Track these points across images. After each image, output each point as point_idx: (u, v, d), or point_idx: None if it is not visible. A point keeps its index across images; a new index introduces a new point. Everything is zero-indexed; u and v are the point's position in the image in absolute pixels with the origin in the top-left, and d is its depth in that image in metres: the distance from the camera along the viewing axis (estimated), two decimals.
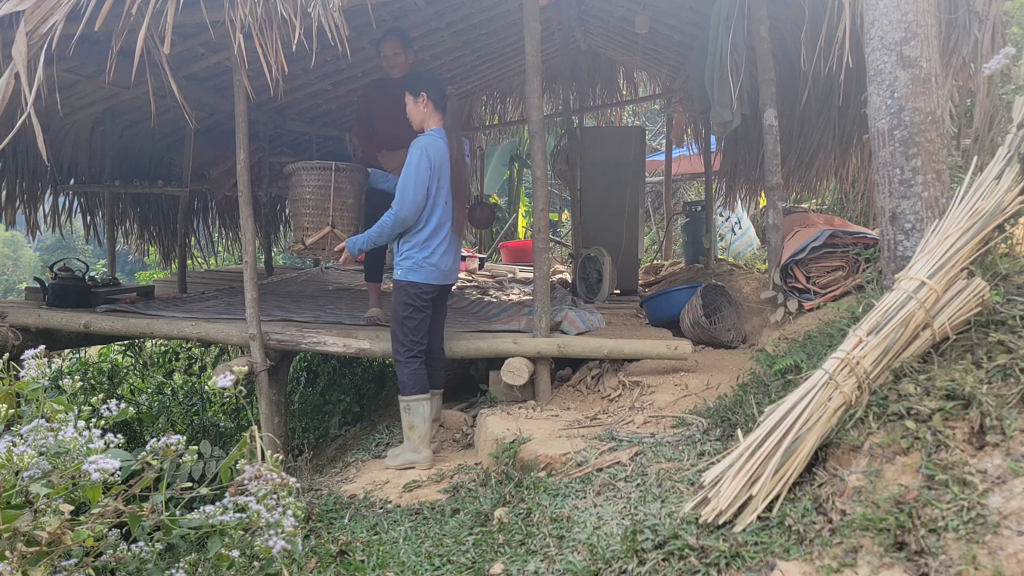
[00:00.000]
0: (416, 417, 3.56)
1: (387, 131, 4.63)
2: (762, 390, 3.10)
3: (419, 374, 3.57)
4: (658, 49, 6.79)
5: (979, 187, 2.37)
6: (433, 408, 3.72)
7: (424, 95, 3.56)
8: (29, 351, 1.91)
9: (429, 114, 3.59)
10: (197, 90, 5.35)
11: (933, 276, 2.23)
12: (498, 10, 5.44)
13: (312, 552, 2.61)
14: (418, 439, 3.57)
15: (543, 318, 3.95)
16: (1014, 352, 2.05)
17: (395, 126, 4.35)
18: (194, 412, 6.51)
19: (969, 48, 2.97)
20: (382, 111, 4.61)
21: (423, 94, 3.56)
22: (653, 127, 13.64)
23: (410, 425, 3.57)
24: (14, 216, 5.93)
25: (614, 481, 2.83)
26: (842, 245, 4.11)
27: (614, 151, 6.96)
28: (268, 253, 7.95)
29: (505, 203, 12.97)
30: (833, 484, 2.00)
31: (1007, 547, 1.60)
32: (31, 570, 1.48)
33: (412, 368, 3.56)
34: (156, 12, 3.40)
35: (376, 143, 4.65)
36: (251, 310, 3.99)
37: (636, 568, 1.98)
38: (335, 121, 8.02)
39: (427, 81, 3.62)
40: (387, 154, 4.54)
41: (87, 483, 1.61)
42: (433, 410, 3.72)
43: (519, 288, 6.81)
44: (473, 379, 4.64)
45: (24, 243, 25.52)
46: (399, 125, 4.19)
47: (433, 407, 3.72)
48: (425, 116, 3.60)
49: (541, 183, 3.95)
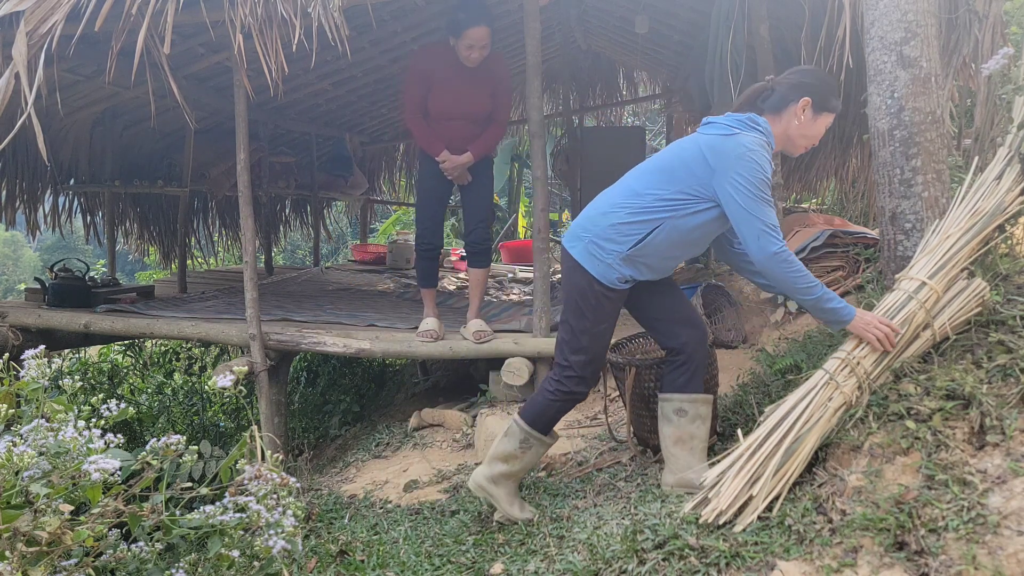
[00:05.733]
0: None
1: (447, 117, 3.88)
2: (762, 390, 3.10)
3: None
4: (658, 49, 6.79)
5: (980, 187, 2.38)
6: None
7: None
8: (29, 351, 1.90)
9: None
10: (197, 90, 5.36)
11: (934, 276, 2.23)
12: (498, 10, 5.44)
13: (312, 552, 2.61)
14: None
15: (543, 318, 3.95)
16: (1014, 352, 2.05)
17: (457, 111, 3.86)
18: (194, 412, 6.51)
19: (969, 48, 2.97)
20: (448, 85, 3.84)
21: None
22: (653, 127, 13.63)
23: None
24: (14, 216, 5.93)
25: (614, 481, 2.83)
26: (842, 245, 4.11)
27: (614, 151, 6.97)
28: (268, 253, 7.95)
29: (505, 203, 12.97)
30: (833, 484, 1.99)
31: (1007, 547, 1.60)
32: (31, 570, 1.48)
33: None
34: (156, 12, 3.40)
35: (441, 137, 3.91)
36: (251, 310, 3.99)
37: (636, 568, 1.98)
38: (335, 121, 8.02)
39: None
40: (449, 156, 3.89)
41: (87, 483, 1.61)
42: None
43: (519, 288, 6.81)
44: (473, 379, 4.64)
45: (24, 243, 25.52)
46: (464, 113, 3.87)
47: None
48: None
49: (541, 183, 3.95)
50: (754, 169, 2.25)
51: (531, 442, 2.57)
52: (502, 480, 2.58)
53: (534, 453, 2.60)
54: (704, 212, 2.36)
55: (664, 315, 2.62)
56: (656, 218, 2.37)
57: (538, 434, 2.57)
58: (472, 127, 3.95)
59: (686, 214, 2.36)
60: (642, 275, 2.46)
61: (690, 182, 2.34)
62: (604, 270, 2.42)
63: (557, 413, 2.59)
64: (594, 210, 2.51)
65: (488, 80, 3.88)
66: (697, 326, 2.62)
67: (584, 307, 2.45)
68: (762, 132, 2.35)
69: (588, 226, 2.48)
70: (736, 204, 2.26)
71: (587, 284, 2.44)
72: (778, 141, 2.43)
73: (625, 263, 2.41)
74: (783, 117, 2.41)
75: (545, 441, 2.60)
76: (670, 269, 2.56)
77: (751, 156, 2.26)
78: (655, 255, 2.42)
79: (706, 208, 2.35)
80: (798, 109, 2.39)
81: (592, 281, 2.43)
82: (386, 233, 12.97)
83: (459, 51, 3.74)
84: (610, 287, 2.43)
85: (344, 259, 12.52)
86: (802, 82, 2.41)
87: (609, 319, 2.49)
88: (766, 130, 2.36)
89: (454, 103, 3.86)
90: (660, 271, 2.51)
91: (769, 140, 2.36)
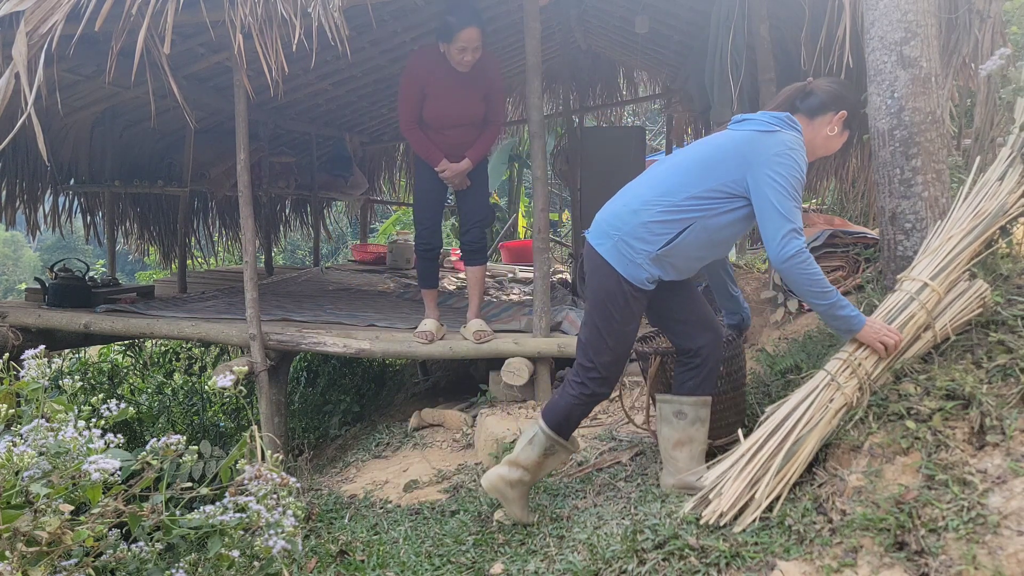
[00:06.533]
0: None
1: (443, 125, 3.90)
2: (762, 390, 3.10)
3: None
4: (658, 49, 6.78)
5: (982, 188, 2.37)
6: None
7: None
8: (29, 351, 1.90)
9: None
10: (197, 90, 5.36)
11: (935, 277, 2.23)
12: (498, 10, 5.44)
13: (312, 552, 2.61)
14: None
15: (543, 318, 3.95)
16: (1014, 352, 2.06)
17: (453, 118, 3.87)
18: (194, 412, 6.51)
19: (969, 48, 2.97)
20: (442, 93, 3.82)
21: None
22: (653, 127, 13.63)
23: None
24: (14, 216, 5.93)
25: (614, 481, 2.83)
26: (842, 245, 4.11)
27: (614, 151, 6.96)
28: (268, 253, 7.95)
29: (505, 203, 12.96)
30: (833, 484, 1.99)
31: (1007, 547, 1.60)
32: (31, 570, 1.48)
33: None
34: (156, 12, 3.40)
35: (437, 144, 3.92)
36: (251, 310, 3.99)
37: (636, 568, 1.98)
38: (335, 121, 8.02)
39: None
40: (448, 165, 3.91)
41: (87, 483, 1.61)
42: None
43: (519, 288, 6.81)
44: (473, 379, 4.64)
45: (24, 243, 25.53)
46: (460, 120, 3.87)
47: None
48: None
49: (541, 183, 3.95)
50: (792, 168, 2.22)
51: (555, 449, 2.53)
52: (519, 485, 2.55)
53: (555, 460, 2.57)
54: (735, 211, 2.31)
55: (683, 316, 2.58)
56: (688, 217, 2.32)
57: (563, 441, 2.53)
58: (468, 132, 3.95)
59: (717, 213, 2.32)
60: (668, 275, 2.41)
61: (723, 179, 2.29)
62: (634, 270, 2.36)
63: (580, 416, 2.54)
64: (623, 207, 2.44)
65: (481, 82, 3.88)
66: (714, 330, 2.58)
67: (612, 308, 2.40)
68: (799, 133, 2.32)
69: (617, 224, 2.41)
70: (768, 201, 2.21)
71: (615, 284, 2.38)
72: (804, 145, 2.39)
73: (654, 263, 2.36)
74: (816, 123, 2.38)
75: (568, 448, 2.56)
76: (694, 270, 2.52)
77: (791, 155, 2.23)
78: (683, 255, 2.38)
79: (738, 207, 2.31)
80: (835, 120, 2.37)
81: (621, 281, 2.38)
82: (386, 233, 12.97)
83: (451, 55, 3.72)
84: (639, 287, 2.38)
85: (344, 259, 12.53)
86: (843, 96, 2.39)
87: (635, 319, 2.44)
88: (800, 132, 2.33)
89: (449, 110, 3.86)
90: (685, 271, 2.47)
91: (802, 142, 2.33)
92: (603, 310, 2.42)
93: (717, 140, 2.39)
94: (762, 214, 2.24)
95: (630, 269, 2.37)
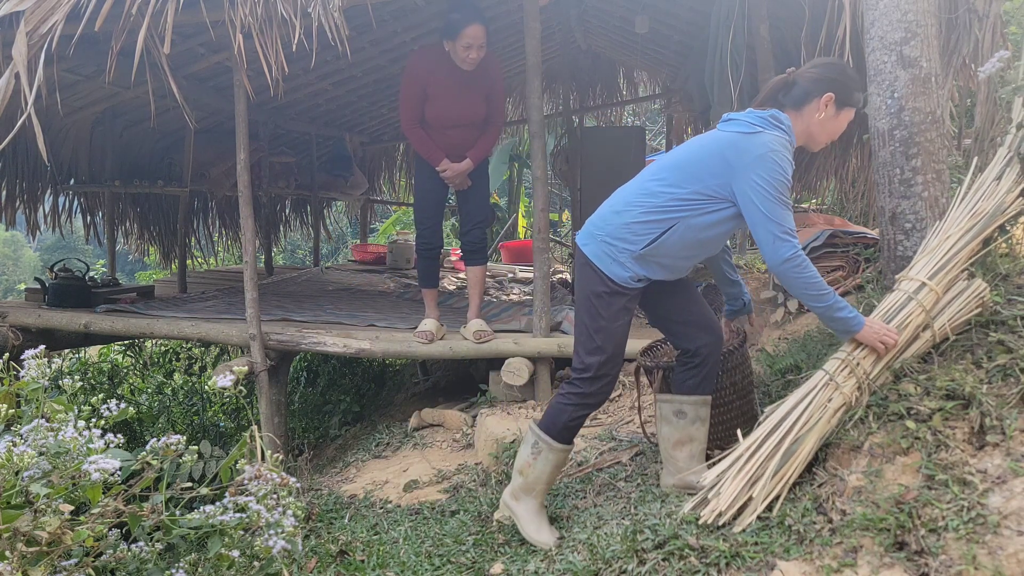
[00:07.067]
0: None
1: (445, 125, 3.91)
2: (762, 390, 3.10)
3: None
4: (658, 49, 6.78)
5: (979, 188, 2.37)
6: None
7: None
8: (29, 351, 1.90)
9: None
10: (197, 90, 5.36)
11: (934, 277, 2.23)
12: (498, 10, 5.44)
13: (312, 552, 2.61)
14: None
15: (543, 318, 3.95)
16: (1014, 352, 2.05)
17: (454, 118, 3.86)
18: (194, 412, 6.51)
19: (969, 48, 2.97)
20: (443, 93, 3.83)
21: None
22: (653, 127, 13.63)
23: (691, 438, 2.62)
24: (14, 216, 5.93)
25: (614, 481, 2.83)
26: (842, 245, 4.11)
27: (614, 151, 6.96)
28: (268, 253, 7.95)
29: (505, 203, 12.96)
30: (833, 484, 1.99)
31: (1007, 547, 1.60)
32: (31, 570, 1.48)
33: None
34: (156, 12, 3.40)
35: (439, 144, 3.92)
36: (251, 310, 4.00)
37: (636, 568, 1.98)
38: (335, 121, 8.02)
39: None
40: (450, 165, 3.91)
41: (87, 483, 1.61)
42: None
43: (519, 288, 6.81)
44: (473, 379, 4.64)
45: (24, 243, 25.53)
46: (461, 119, 3.87)
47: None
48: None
49: (541, 183, 3.95)
50: (775, 170, 2.19)
51: (540, 446, 2.48)
52: (522, 495, 2.51)
53: (544, 460, 2.49)
54: (720, 211, 2.30)
55: (681, 317, 2.57)
56: (670, 218, 2.31)
57: (548, 438, 2.47)
58: (470, 132, 3.95)
59: (701, 213, 2.30)
60: (655, 275, 2.41)
61: (708, 181, 2.28)
62: (617, 269, 2.37)
63: (571, 419, 2.48)
64: (608, 208, 2.46)
65: (483, 83, 3.88)
66: (714, 330, 2.57)
67: (598, 306, 2.40)
68: (784, 131, 2.27)
69: (602, 224, 2.43)
70: (754, 206, 2.20)
71: (599, 282, 2.39)
72: (799, 136, 2.35)
73: (638, 262, 2.36)
74: (805, 112, 2.34)
75: (554, 447, 2.48)
76: (685, 269, 2.50)
77: (772, 156, 2.20)
78: (669, 255, 2.37)
79: (722, 208, 2.29)
80: (821, 104, 2.31)
81: (604, 279, 2.38)
82: (386, 233, 12.97)
83: (456, 53, 3.72)
84: (623, 286, 2.38)
85: (344, 259, 12.53)
86: (825, 76, 2.32)
87: (623, 317, 2.42)
88: (788, 128, 2.29)
89: (451, 110, 3.85)
90: (675, 271, 2.46)
91: (791, 138, 2.29)
92: (589, 309, 2.42)
93: (703, 141, 2.38)
94: (752, 220, 2.23)
95: (613, 268, 2.38)
